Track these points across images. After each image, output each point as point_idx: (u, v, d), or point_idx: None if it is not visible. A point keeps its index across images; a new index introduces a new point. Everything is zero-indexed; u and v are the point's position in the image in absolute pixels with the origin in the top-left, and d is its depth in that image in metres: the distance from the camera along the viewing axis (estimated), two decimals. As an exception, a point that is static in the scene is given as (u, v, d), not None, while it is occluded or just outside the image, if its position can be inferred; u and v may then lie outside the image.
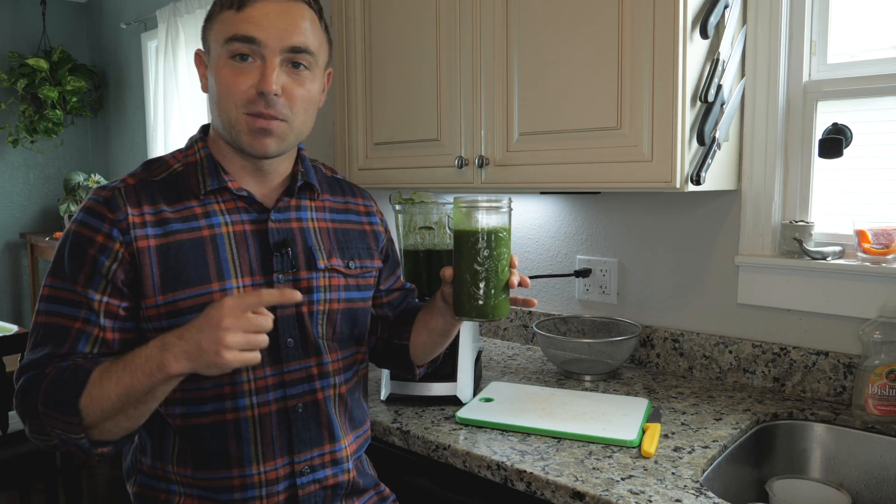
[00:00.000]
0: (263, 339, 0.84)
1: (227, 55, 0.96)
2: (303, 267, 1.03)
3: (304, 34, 0.97)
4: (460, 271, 0.99)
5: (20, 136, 3.60)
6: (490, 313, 0.99)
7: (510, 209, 1.01)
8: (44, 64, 3.53)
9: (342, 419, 1.09)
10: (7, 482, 2.30)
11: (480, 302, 0.98)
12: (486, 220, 0.98)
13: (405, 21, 1.72)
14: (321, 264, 1.05)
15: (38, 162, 3.84)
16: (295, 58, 0.98)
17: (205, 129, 1.08)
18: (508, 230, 1.00)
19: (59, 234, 3.48)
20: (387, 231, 1.22)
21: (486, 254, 0.98)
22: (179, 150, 1.06)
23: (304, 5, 0.99)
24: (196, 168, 1.02)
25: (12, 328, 2.64)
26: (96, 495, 3.12)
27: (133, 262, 0.95)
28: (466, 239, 0.99)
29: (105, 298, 0.94)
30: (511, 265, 1.01)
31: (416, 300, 1.29)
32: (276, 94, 0.95)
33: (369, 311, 1.16)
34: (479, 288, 0.98)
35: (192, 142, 1.06)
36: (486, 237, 0.98)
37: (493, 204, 0.99)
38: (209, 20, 1.01)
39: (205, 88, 1.03)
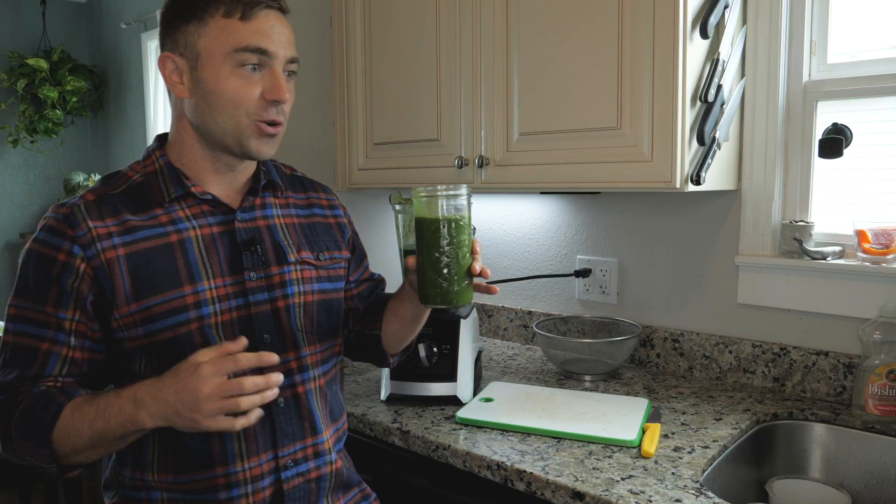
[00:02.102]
0: (244, 403, 0.85)
1: (234, 64, 0.97)
2: (273, 262, 1.04)
3: (294, 45, 1.02)
4: (423, 259, 1.01)
5: (20, 136, 3.60)
6: (453, 299, 1.01)
7: (469, 197, 1.02)
8: (44, 64, 3.52)
9: (323, 412, 1.09)
10: (7, 482, 2.30)
11: (442, 288, 1.00)
12: (445, 208, 1.00)
13: (405, 21, 1.72)
14: (292, 258, 1.06)
15: (38, 162, 3.84)
16: (291, 67, 1.02)
17: (160, 139, 1.08)
18: (468, 217, 1.01)
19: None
20: (351, 223, 1.23)
21: (446, 241, 0.99)
22: (137, 162, 1.07)
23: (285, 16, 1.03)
24: (157, 177, 1.02)
25: (12, 328, 2.63)
26: (96, 496, 3.12)
27: (97, 278, 0.95)
28: (427, 227, 1.00)
29: (76, 317, 0.96)
30: (472, 251, 1.02)
31: (384, 291, 1.29)
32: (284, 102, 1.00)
33: (342, 301, 1.16)
34: (441, 275, 1.00)
35: (150, 151, 1.06)
36: (445, 225, 0.99)
37: (452, 192, 1.00)
38: (195, 23, 0.97)
39: (182, 94, 1.00)
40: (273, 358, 0.89)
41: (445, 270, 1.00)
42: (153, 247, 0.98)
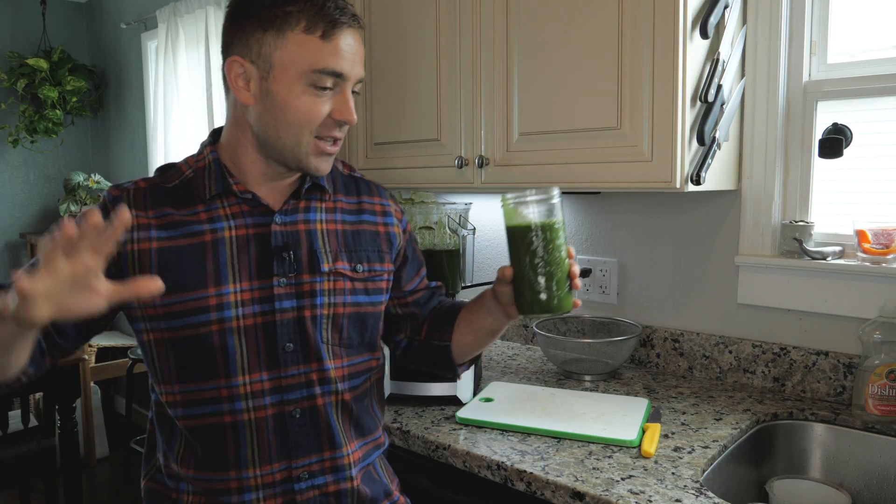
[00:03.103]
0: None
1: (308, 83, 0.95)
2: (305, 270, 1.02)
3: (363, 62, 1.01)
4: (519, 268, 0.98)
5: (20, 136, 3.60)
6: (556, 307, 0.98)
7: (560, 199, 0.98)
8: (44, 64, 3.52)
9: (346, 426, 1.06)
10: (7, 482, 2.30)
11: (544, 297, 0.97)
12: (537, 213, 0.97)
13: (405, 21, 1.72)
14: (325, 267, 1.03)
15: (38, 162, 3.84)
16: (357, 87, 1.01)
17: (215, 134, 1.08)
18: (562, 220, 0.99)
19: (59, 234, 3.47)
20: (406, 231, 1.19)
21: (542, 247, 0.96)
22: (192, 156, 1.07)
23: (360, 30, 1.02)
24: (204, 173, 1.02)
25: (12, 328, 2.63)
26: (96, 495, 3.12)
27: (121, 263, 0.97)
28: (521, 235, 0.97)
29: None
30: (569, 255, 1.00)
31: (444, 296, 1.26)
32: None
33: (380, 315, 1.13)
34: (540, 283, 0.97)
35: (202, 147, 1.06)
36: (540, 231, 0.96)
37: (544, 196, 0.97)
38: (272, 33, 0.95)
39: (247, 100, 0.98)
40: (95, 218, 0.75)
41: (544, 279, 0.97)
42: (186, 245, 0.98)
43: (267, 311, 0.99)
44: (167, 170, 1.05)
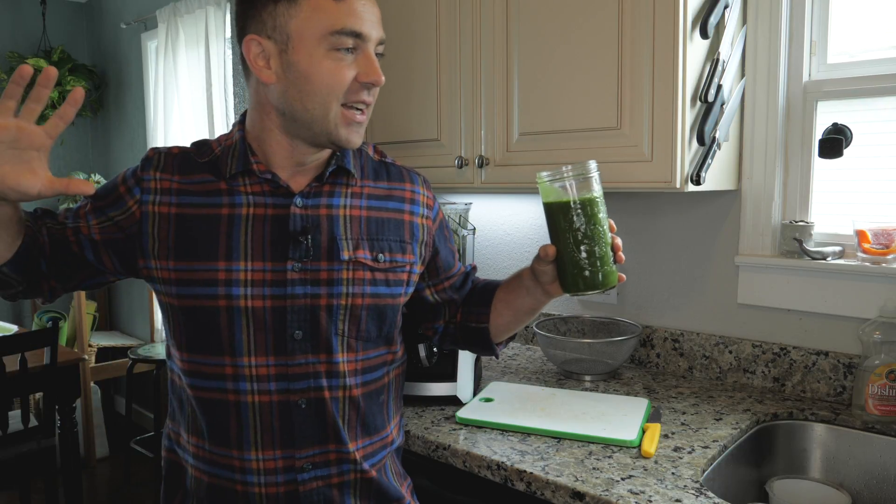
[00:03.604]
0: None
1: (329, 47, 0.93)
2: (324, 257, 1.00)
3: (381, 24, 0.99)
4: (562, 245, 0.96)
5: (20, 136, 3.60)
6: (602, 283, 0.96)
7: (598, 173, 0.96)
8: (44, 64, 3.52)
9: (351, 423, 1.03)
10: (7, 482, 2.30)
11: (588, 273, 0.96)
12: (576, 187, 0.95)
13: (405, 21, 1.72)
14: (345, 255, 1.00)
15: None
16: (380, 49, 0.99)
17: (245, 114, 1.07)
18: (601, 194, 0.97)
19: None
20: (436, 221, 1.14)
21: (583, 223, 0.95)
22: (224, 135, 1.07)
23: None
24: (230, 151, 1.02)
25: (12, 328, 2.64)
26: (96, 495, 3.12)
27: (141, 222, 0.99)
28: (562, 211, 0.95)
29: (93, 225, 1.01)
30: (611, 229, 0.99)
31: (476, 277, 1.24)
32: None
33: (399, 308, 1.09)
34: (584, 259, 0.95)
35: (234, 124, 1.07)
36: (580, 206, 0.95)
37: (580, 170, 0.95)
38: (284, 3, 0.93)
39: (269, 79, 0.96)
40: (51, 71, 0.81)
41: (586, 255, 0.95)
42: (203, 214, 0.98)
43: (277, 296, 0.97)
44: (202, 145, 1.05)
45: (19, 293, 1.02)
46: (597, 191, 0.96)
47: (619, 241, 0.99)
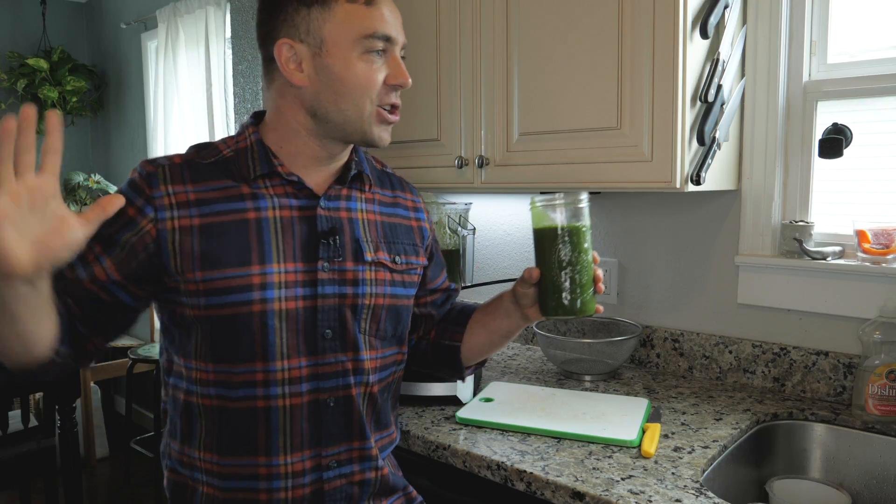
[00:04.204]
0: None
1: (362, 50, 0.97)
2: (349, 258, 1.02)
3: (403, 29, 1.04)
4: (547, 269, 1.01)
5: (20, 136, 3.60)
6: (580, 310, 1.01)
7: (588, 203, 1.01)
8: (44, 64, 3.53)
9: (370, 418, 1.06)
10: (7, 482, 2.30)
11: (568, 299, 1.00)
12: (565, 216, 0.99)
13: (405, 21, 1.72)
14: (368, 257, 1.03)
15: (38, 162, 3.84)
16: (403, 53, 1.04)
17: (256, 116, 1.07)
18: (589, 225, 1.01)
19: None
20: (432, 229, 1.20)
21: (569, 251, 0.99)
22: (231, 137, 1.06)
23: None
24: (246, 153, 1.01)
25: (12, 328, 2.63)
26: (96, 495, 3.12)
27: (158, 240, 0.95)
28: (550, 237, 1.00)
29: (106, 264, 0.94)
30: (594, 260, 1.02)
31: (455, 300, 1.27)
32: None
33: (411, 309, 1.13)
34: (566, 286, 1.00)
35: (243, 127, 1.05)
36: (568, 234, 0.99)
37: (571, 199, 0.99)
38: (318, 8, 0.96)
39: (301, 82, 0.98)
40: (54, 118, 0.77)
41: (569, 282, 0.99)
42: (229, 221, 0.97)
43: (309, 296, 0.98)
44: (203, 147, 1.04)
45: (69, 368, 0.96)
46: (585, 221, 1.01)
47: (600, 272, 1.03)
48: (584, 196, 1.00)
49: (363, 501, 1.06)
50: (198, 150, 1.03)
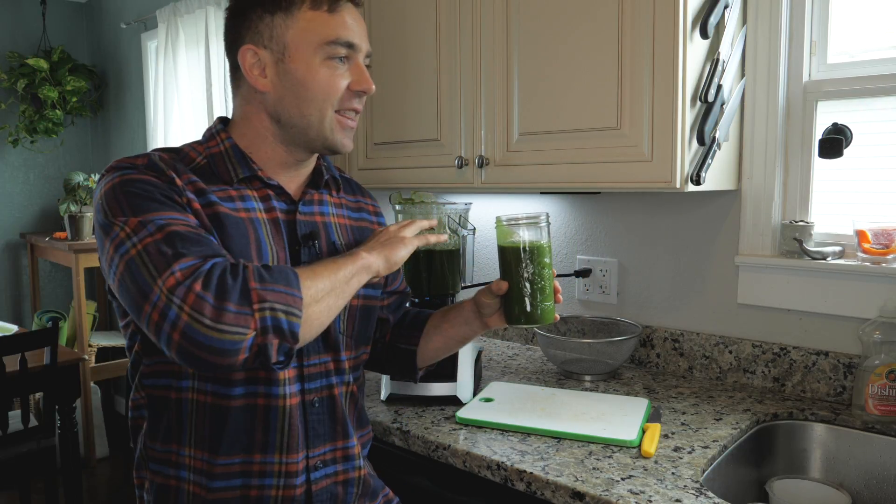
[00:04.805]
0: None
1: (324, 56, 0.98)
2: None
3: (367, 38, 1.05)
4: (513, 282, 1.09)
5: (20, 136, 3.60)
6: (541, 318, 1.10)
7: (548, 222, 1.11)
8: (44, 64, 3.52)
9: (352, 417, 1.09)
10: (7, 482, 2.30)
11: (530, 309, 1.09)
12: (529, 234, 1.09)
13: (405, 21, 1.72)
14: None
15: (38, 162, 3.84)
16: (367, 61, 1.05)
17: (223, 121, 1.07)
18: (549, 242, 1.11)
19: (59, 234, 3.47)
20: None
21: (533, 265, 1.09)
22: (198, 143, 1.04)
23: None
24: (223, 158, 1.01)
25: (12, 328, 2.64)
26: (96, 495, 3.12)
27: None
28: (514, 253, 1.09)
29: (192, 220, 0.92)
30: (553, 275, 1.11)
31: (408, 303, 1.31)
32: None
33: (378, 310, 1.18)
34: (529, 296, 1.09)
35: (214, 133, 1.04)
36: (530, 250, 1.09)
37: (533, 219, 1.09)
38: (281, 15, 0.97)
39: (265, 87, 0.99)
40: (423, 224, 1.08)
41: (531, 293, 1.09)
42: (228, 214, 0.96)
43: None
44: (174, 151, 1.01)
45: None
46: (545, 238, 1.10)
47: (558, 284, 1.13)
48: (544, 216, 1.10)
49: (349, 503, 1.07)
50: (174, 152, 1.01)
